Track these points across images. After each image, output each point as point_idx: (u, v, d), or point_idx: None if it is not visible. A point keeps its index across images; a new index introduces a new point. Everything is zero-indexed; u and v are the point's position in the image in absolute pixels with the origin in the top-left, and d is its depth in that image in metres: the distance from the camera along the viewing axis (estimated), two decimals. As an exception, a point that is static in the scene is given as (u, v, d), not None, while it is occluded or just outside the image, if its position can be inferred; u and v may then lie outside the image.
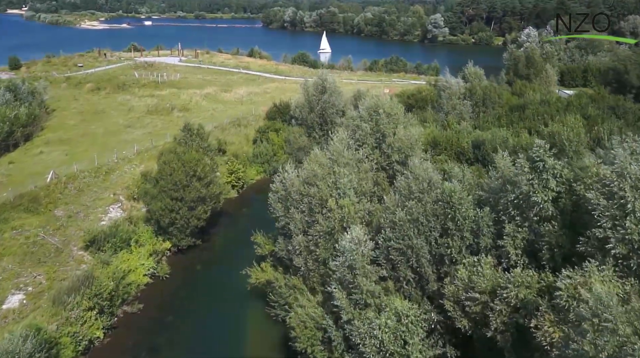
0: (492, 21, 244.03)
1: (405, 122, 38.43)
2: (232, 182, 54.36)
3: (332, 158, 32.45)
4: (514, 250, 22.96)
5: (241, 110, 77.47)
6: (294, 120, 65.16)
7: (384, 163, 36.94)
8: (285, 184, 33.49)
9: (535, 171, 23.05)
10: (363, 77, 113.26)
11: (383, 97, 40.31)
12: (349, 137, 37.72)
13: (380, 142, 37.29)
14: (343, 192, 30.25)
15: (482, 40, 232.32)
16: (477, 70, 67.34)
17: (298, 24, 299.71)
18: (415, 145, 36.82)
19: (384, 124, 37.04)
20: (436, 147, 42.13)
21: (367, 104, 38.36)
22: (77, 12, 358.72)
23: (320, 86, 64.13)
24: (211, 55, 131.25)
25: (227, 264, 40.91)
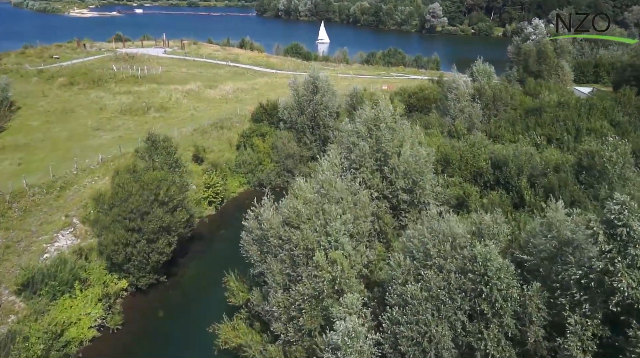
0: (492, 11, 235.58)
1: (412, 137, 30.95)
2: (209, 198, 46.88)
3: (320, 191, 25.00)
4: (583, 355, 15.70)
5: (225, 109, 69.67)
6: (283, 124, 57.68)
7: (386, 190, 29.55)
8: (262, 222, 26.03)
9: (614, 240, 15.67)
10: (359, 70, 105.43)
11: (383, 101, 32.81)
12: (343, 157, 30.27)
13: (382, 164, 29.86)
14: (335, 240, 22.87)
15: (481, 31, 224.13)
16: (487, 68, 59.80)
17: (292, 12, 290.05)
18: (425, 168, 29.41)
19: (387, 141, 29.55)
20: (448, 165, 34.73)
21: (366, 116, 30.82)
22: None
23: (312, 85, 56.54)
24: (198, 46, 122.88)
25: (196, 309, 33.59)
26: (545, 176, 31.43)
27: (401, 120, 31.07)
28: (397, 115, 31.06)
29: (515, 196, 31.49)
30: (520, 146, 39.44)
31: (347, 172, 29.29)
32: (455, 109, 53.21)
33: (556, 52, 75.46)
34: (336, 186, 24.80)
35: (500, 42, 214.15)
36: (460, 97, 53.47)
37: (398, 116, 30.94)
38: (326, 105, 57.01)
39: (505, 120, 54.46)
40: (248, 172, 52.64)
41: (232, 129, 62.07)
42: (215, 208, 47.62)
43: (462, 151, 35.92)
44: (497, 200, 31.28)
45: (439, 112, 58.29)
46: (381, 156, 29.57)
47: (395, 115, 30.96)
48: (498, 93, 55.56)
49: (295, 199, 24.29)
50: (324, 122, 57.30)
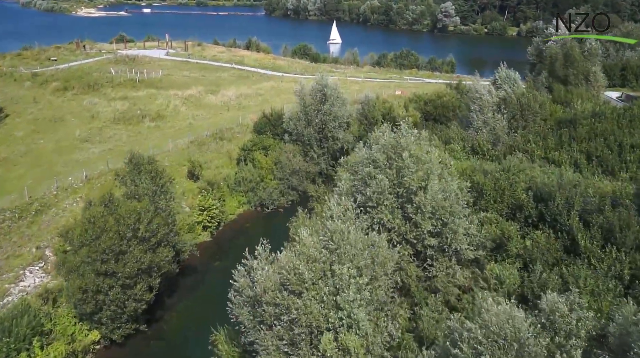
0: (506, 10, 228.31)
1: (441, 167, 25.28)
2: (204, 222, 41.48)
3: (329, 245, 19.42)
4: None
5: (227, 118, 64.27)
6: (287, 135, 52.15)
7: (409, 234, 23.92)
8: (254, 281, 20.46)
9: None
10: (370, 73, 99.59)
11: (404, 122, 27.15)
12: (357, 190, 24.69)
13: (404, 201, 24.21)
14: (348, 316, 17.32)
15: (495, 31, 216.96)
16: (511, 74, 53.74)
17: (301, 12, 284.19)
18: (457, 206, 23.76)
19: (410, 173, 23.89)
20: (481, 197, 28.98)
21: (385, 142, 25.18)
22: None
23: (320, 93, 50.97)
24: (203, 47, 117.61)
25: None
26: (601, 213, 25.64)
27: (426, 144, 25.38)
28: (422, 139, 25.37)
29: (566, 238, 25.75)
30: (563, 170, 33.72)
31: (362, 212, 23.70)
32: (478, 121, 47.36)
33: (583, 55, 69.22)
34: (349, 239, 19.21)
35: (514, 41, 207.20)
36: (484, 107, 47.62)
37: (423, 141, 25.26)
38: (335, 115, 51.45)
39: (535, 133, 48.58)
40: (248, 191, 47.18)
41: (232, 140, 56.63)
42: (210, 234, 42.17)
43: (496, 178, 30.15)
44: (544, 243, 25.57)
45: (460, 122, 52.47)
46: (403, 192, 23.94)
47: (420, 140, 25.28)
48: (526, 102, 49.61)
49: (297, 256, 18.73)
50: (332, 134, 51.75)
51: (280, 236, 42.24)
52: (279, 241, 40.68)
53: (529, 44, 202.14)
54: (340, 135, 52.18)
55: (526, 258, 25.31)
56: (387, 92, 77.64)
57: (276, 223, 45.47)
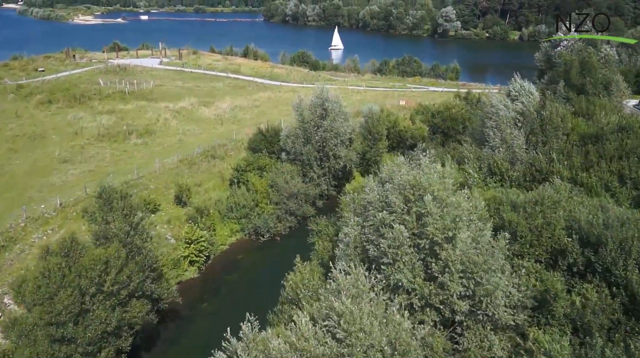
0: (508, 14, 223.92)
1: (470, 213, 20.45)
2: (190, 257, 36.60)
3: (337, 332, 14.53)
4: None
5: (220, 133, 59.46)
6: (285, 154, 47.37)
7: (434, 298, 19.07)
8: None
9: None
10: (372, 82, 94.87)
11: (425, 157, 22.38)
12: (366, 240, 19.92)
13: (427, 255, 19.39)
14: None
15: (496, 35, 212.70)
16: (527, 85, 48.81)
17: (300, 17, 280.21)
18: (494, 262, 18.96)
19: (434, 221, 19.06)
20: (514, 239, 24.04)
21: (402, 180, 20.34)
22: (73, 6, 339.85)
23: (319, 108, 46.22)
24: (198, 55, 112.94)
25: None
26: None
27: (454, 183, 20.55)
28: (448, 177, 20.54)
29: (623, 294, 20.89)
30: (605, 201, 28.88)
31: (374, 270, 18.87)
32: (495, 138, 42.51)
33: (601, 63, 64.49)
34: (362, 323, 14.34)
35: (517, 46, 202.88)
36: (502, 123, 42.78)
37: (449, 178, 20.42)
38: (337, 132, 46.67)
39: (558, 150, 43.75)
40: (242, 217, 42.30)
41: (225, 158, 51.81)
42: (198, 269, 37.26)
43: (529, 214, 25.24)
44: (596, 300, 20.71)
45: (472, 137, 47.58)
46: (425, 244, 19.09)
47: (446, 178, 20.45)
48: (547, 116, 44.79)
49: (292, 352, 13.85)
50: (334, 152, 46.95)
51: (277, 270, 37.45)
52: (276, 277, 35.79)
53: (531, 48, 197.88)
54: (342, 153, 47.39)
55: (576, 321, 20.47)
56: (390, 102, 72.91)
57: (272, 255, 40.64)
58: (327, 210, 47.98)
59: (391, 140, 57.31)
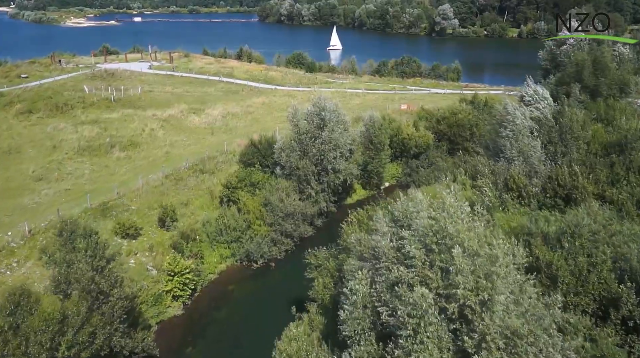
0: (506, 11, 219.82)
1: (508, 266, 16.21)
2: (174, 291, 32.38)
3: None
4: None
5: (210, 143, 55.19)
6: (279, 169, 43.15)
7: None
8: None
9: None
10: (371, 84, 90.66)
11: (450, 194, 18.13)
12: (377, 299, 15.72)
13: (456, 320, 15.20)
14: None
15: (495, 33, 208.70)
16: (541, 89, 44.65)
17: (296, 17, 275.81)
18: (541, 329, 14.75)
19: (465, 280, 14.87)
20: (553, 283, 19.88)
21: (423, 225, 16.12)
22: (66, 8, 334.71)
23: (317, 118, 42.00)
24: (190, 59, 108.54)
25: None
26: None
27: (486, 228, 16.36)
28: (479, 219, 16.33)
29: None
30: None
31: (389, 344, 14.69)
32: (511, 149, 38.35)
33: (614, 62, 60.39)
34: None
35: (515, 43, 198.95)
36: (518, 133, 38.63)
37: (481, 221, 16.22)
38: (336, 144, 42.46)
39: (579, 162, 39.64)
40: (232, 241, 38.07)
41: (216, 172, 47.53)
42: (182, 305, 32.99)
43: (568, 253, 21.06)
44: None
45: (484, 148, 43.40)
46: (455, 310, 14.93)
47: (477, 219, 16.26)
48: (567, 124, 40.66)
49: None
50: (333, 165, 42.72)
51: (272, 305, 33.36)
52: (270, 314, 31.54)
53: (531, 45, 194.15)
54: (342, 166, 43.17)
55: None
56: (391, 107, 68.71)
57: (267, 285, 36.44)
58: (327, 228, 43.87)
59: (394, 148, 53.20)
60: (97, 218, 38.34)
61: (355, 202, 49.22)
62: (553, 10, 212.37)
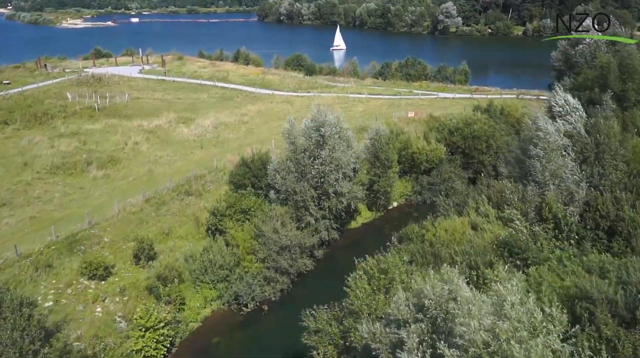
0: (510, 8, 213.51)
1: None
2: (146, 350, 26.85)
3: None
4: None
5: (199, 159, 49.69)
6: (274, 193, 37.66)
7: None
8: None
9: None
10: (374, 87, 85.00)
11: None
12: None
13: None
14: None
15: (499, 31, 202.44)
16: (571, 99, 38.97)
17: (295, 16, 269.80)
18: None
19: None
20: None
21: (478, 338, 10.51)
22: (63, 9, 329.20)
23: (316, 134, 36.49)
24: (183, 61, 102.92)
25: None
26: None
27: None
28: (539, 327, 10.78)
29: None
30: None
31: None
32: (544, 171, 32.78)
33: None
34: None
35: (521, 41, 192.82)
36: (551, 152, 33.05)
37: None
38: (338, 164, 36.91)
39: (621, 185, 34.08)
40: (219, 281, 32.59)
41: (203, 194, 42.06)
42: (157, 366, 27.49)
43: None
44: None
45: (508, 168, 37.79)
46: None
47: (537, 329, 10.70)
48: (604, 140, 35.10)
49: None
50: (335, 188, 37.16)
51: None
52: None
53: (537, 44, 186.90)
54: (345, 189, 37.61)
55: None
56: (397, 114, 63.07)
57: (259, 333, 30.90)
58: (329, 259, 38.42)
59: (402, 164, 47.71)
60: (61, 254, 32.95)
61: (360, 225, 43.79)
62: (559, 7, 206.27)
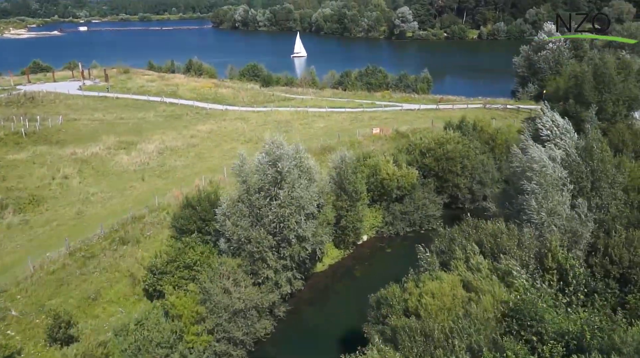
0: (465, 12, 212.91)
1: None
2: None
3: None
4: None
5: (138, 196, 42.55)
6: (224, 241, 31.31)
7: None
8: None
9: None
10: (334, 99, 79.38)
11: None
12: None
13: None
14: None
15: (455, 35, 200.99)
16: (560, 120, 34.10)
17: (251, 23, 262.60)
18: None
19: None
20: None
21: None
22: (6, 19, 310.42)
23: (272, 170, 30.38)
24: (129, 75, 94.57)
25: None
26: None
27: None
28: None
29: None
30: None
31: None
32: (540, 210, 27.63)
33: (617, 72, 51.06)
34: None
35: (477, 45, 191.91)
36: (549, 186, 27.96)
37: None
38: (300, 204, 30.82)
39: (622, 218, 29.34)
40: (157, 363, 25.93)
41: (141, 242, 35.18)
42: None
43: None
44: None
45: (495, 203, 32.55)
46: None
47: None
48: (600, 166, 30.37)
49: None
50: (297, 233, 31.05)
51: None
52: None
53: (492, 46, 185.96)
54: (308, 232, 31.52)
55: None
56: (361, 131, 57.55)
57: None
58: (293, 315, 32.29)
59: (372, 191, 42.00)
60: (-48, 340, 25.58)
61: (327, 268, 37.81)
62: (511, 10, 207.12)
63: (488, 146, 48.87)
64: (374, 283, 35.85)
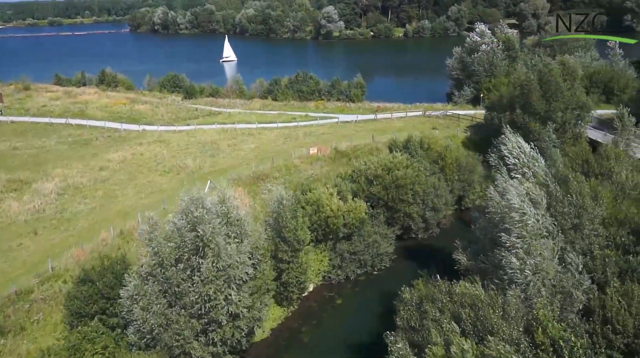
0: (389, 11, 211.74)
1: None
2: None
3: None
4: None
5: (27, 258, 33.83)
6: (133, 331, 23.90)
7: None
8: None
9: None
10: (265, 113, 72.49)
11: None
12: None
13: None
14: None
15: (381, 33, 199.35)
16: (526, 146, 29.44)
17: (171, 26, 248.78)
18: None
19: None
20: None
21: None
22: None
23: (191, 236, 23.27)
24: (30, 93, 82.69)
25: None
26: None
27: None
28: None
29: None
30: None
31: None
32: (524, 268, 22.54)
33: (564, 77, 47.84)
34: None
35: (403, 43, 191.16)
36: (532, 239, 22.94)
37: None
38: (229, 275, 24.04)
39: (613, 266, 24.94)
40: None
41: (26, 330, 27.00)
42: None
43: None
44: None
45: (466, 257, 27.31)
46: None
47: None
48: (580, 202, 25.87)
49: None
50: (228, 310, 24.24)
51: None
52: None
53: (418, 45, 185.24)
54: (242, 308, 24.81)
55: None
56: (297, 151, 51.33)
57: None
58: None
59: (315, 231, 35.80)
60: None
61: (268, 334, 31.14)
62: (434, 8, 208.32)
63: (437, 166, 44.05)
64: (327, 349, 29.95)
